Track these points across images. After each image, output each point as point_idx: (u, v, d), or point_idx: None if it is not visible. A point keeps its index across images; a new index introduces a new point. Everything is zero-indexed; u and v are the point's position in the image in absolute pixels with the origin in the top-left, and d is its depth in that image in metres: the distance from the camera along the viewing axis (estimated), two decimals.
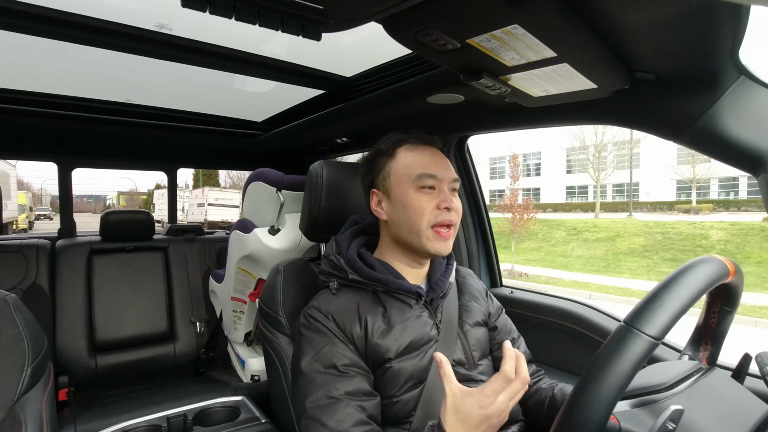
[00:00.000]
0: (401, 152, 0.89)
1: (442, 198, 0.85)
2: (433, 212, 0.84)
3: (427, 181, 0.85)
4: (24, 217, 18.79)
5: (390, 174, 0.88)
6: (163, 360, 2.01)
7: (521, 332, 1.05)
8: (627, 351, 0.49)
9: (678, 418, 0.50)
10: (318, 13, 0.61)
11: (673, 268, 0.58)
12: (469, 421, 0.62)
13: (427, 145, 0.90)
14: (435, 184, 0.85)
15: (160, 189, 25.46)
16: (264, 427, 1.18)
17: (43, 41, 1.01)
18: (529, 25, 0.59)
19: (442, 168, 0.87)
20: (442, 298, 0.91)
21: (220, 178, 31.28)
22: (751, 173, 0.75)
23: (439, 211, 0.84)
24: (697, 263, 0.57)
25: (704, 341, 0.72)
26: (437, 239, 0.84)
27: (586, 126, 13.75)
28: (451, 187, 0.87)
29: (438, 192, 0.85)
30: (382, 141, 0.93)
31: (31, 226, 19.74)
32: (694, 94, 0.75)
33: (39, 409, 0.75)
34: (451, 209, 0.85)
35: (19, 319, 0.77)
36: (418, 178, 0.85)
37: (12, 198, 17.21)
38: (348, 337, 0.81)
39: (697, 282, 0.55)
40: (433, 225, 0.84)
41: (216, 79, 1.34)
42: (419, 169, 0.85)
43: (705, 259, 0.58)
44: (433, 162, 0.87)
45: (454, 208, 0.85)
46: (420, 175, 0.85)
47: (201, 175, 28.40)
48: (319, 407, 0.74)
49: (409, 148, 0.89)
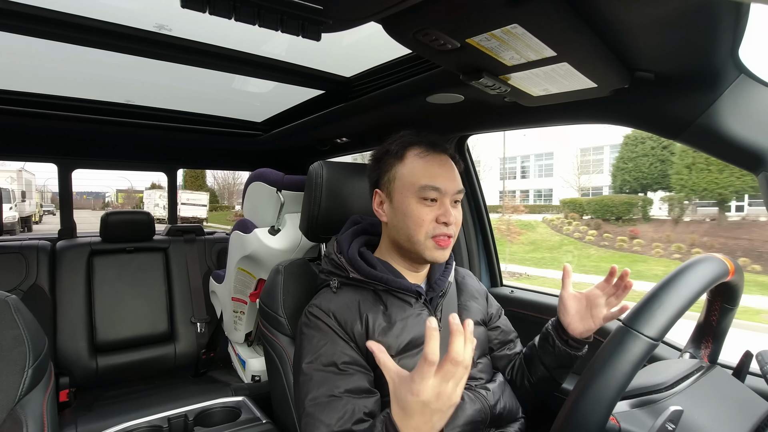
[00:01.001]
0: (410, 157, 0.87)
1: (442, 212, 0.83)
2: (432, 224, 0.83)
3: (430, 193, 0.83)
4: (37, 212, 24.90)
5: (395, 178, 0.87)
6: (163, 360, 2.01)
7: (520, 332, 1.06)
8: (626, 352, 0.50)
9: (677, 418, 0.50)
10: (318, 14, 0.61)
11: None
12: (409, 409, 0.57)
13: (438, 153, 0.87)
14: (437, 196, 0.84)
15: (150, 189, 29.47)
16: (265, 428, 1.18)
17: (43, 42, 1.01)
18: (528, 24, 0.59)
19: (447, 180, 0.85)
20: (441, 297, 0.92)
21: (208, 179, 32.65)
22: (751, 171, 0.75)
23: (438, 225, 0.83)
24: (696, 263, 0.57)
25: (705, 339, 0.72)
26: (436, 248, 0.84)
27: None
28: (453, 199, 0.86)
29: (439, 205, 0.84)
30: (392, 140, 0.90)
31: (41, 219, 25.57)
32: (694, 93, 0.75)
33: (40, 410, 0.75)
34: (450, 224, 0.83)
35: (20, 320, 0.77)
36: (421, 189, 0.83)
37: (33, 198, 22.52)
38: (349, 334, 0.81)
39: (696, 282, 0.55)
40: (432, 236, 0.83)
41: (216, 79, 1.33)
42: (424, 180, 0.83)
43: (704, 258, 0.58)
44: (439, 173, 0.84)
45: (452, 222, 0.84)
46: (423, 187, 0.83)
47: (186, 176, 30.78)
48: (319, 405, 0.74)
49: (418, 155, 0.86)
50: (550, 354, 0.90)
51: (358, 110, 1.37)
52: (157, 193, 25.33)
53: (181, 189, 24.82)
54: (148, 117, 1.78)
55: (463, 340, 0.55)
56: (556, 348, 0.89)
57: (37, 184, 28.40)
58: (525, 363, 0.96)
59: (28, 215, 18.33)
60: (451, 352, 0.54)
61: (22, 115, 1.57)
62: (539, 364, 0.92)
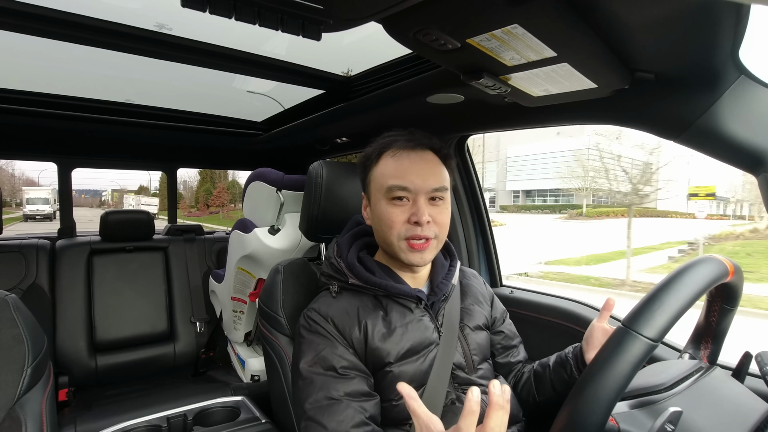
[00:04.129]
0: (383, 159, 0.85)
1: (413, 211, 0.79)
2: (404, 226, 0.80)
3: (398, 193, 0.80)
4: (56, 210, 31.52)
5: (371, 181, 0.86)
6: (163, 360, 2.00)
7: (521, 332, 1.05)
8: (625, 353, 0.49)
9: (676, 419, 0.50)
10: (318, 13, 0.61)
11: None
12: None
13: (413, 149, 0.83)
14: (407, 195, 0.80)
15: (134, 193, 40.45)
16: (264, 427, 1.18)
17: (44, 41, 1.01)
18: (529, 24, 0.59)
19: (419, 177, 0.80)
20: (443, 301, 0.90)
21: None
22: (751, 173, 0.75)
23: (410, 226, 0.80)
24: (695, 263, 0.57)
25: (705, 340, 0.72)
26: (410, 251, 0.81)
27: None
28: (432, 196, 0.81)
29: (411, 204, 0.80)
30: (372, 143, 0.89)
31: (55, 214, 32.27)
32: (694, 94, 0.75)
33: (39, 409, 0.75)
34: (421, 224, 0.79)
35: (19, 319, 0.77)
36: (388, 190, 0.81)
37: (55, 199, 28.87)
38: (348, 341, 0.81)
39: (695, 283, 0.54)
40: (405, 238, 0.80)
41: (216, 78, 1.34)
42: (391, 180, 0.81)
43: (704, 259, 0.58)
44: (410, 171, 0.80)
45: (426, 223, 0.79)
46: (390, 187, 0.80)
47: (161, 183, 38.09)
48: (319, 408, 0.74)
49: (391, 154, 0.84)
50: (564, 382, 0.87)
51: (358, 110, 1.36)
52: (134, 199, 34.89)
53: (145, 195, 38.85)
54: (149, 116, 1.78)
55: (503, 413, 0.48)
56: (572, 377, 0.86)
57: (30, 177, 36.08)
58: (534, 381, 0.92)
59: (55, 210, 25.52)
60: (488, 423, 0.48)
61: (23, 114, 1.57)
62: (550, 387, 0.89)
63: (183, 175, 40.66)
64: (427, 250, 0.82)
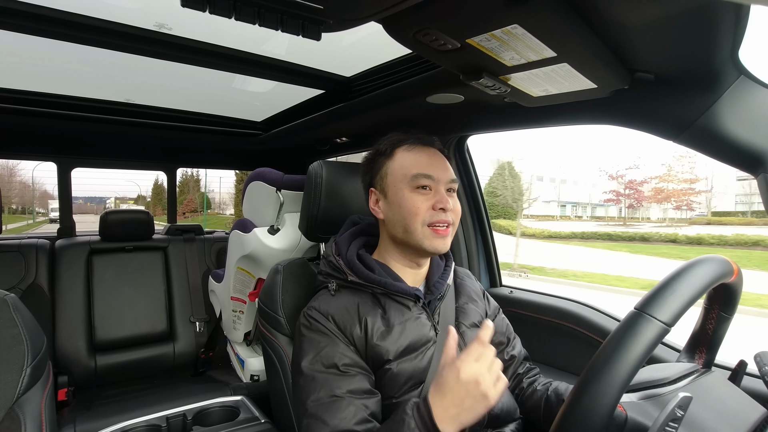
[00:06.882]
0: (399, 153, 0.89)
1: (437, 199, 0.84)
2: (428, 212, 0.84)
3: (423, 181, 0.85)
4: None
5: (387, 174, 0.89)
6: (162, 360, 2.00)
7: (520, 332, 1.05)
8: (639, 335, 0.50)
9: (686, 405, 0.51)
10: (318, 13, 0.61)
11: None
12: (446, 385, 0.64)
13: (425, 145, 0.90)
14: (430, 184, 0.85)
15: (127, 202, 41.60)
16: (263, 427, 1.18)
17: (44, 41, 1.01)
18: (528, 24, 0.59)
19: (439, 168, 0.86)
20: (439, 300, 0.91)
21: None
22: (751, 173, 0.75)
23: (435, 212, 0.84)
24: (705, 259, 0.59)
25: (700, 348, 0.73)
26: (434, 236, 0.84)
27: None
28: (447, 188, 0.87)
29: (434, 193, 0.85)
30: (381, 141, 0.93)
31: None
32: (694, 94, 0.75)
33: (38, 408, 0.75)
34: (447, 210, 0.84)
35: (19, 318, 0.77)
36: (413, 178, 0.85)
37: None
38: (348, 338, 0.81)
39: (705, 275, 0.56)
40: (429, 224, 0.84)
41: (216, 79, 1.33)
42: (415, 169, 0.85)
43: (712, 258, 0.60)
44: (429, 162, 0.87)
45: (450, 209, 0.85)
46: (415, 176, 0.85)
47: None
48: (322, 406, 0.74)
49: (407, 149, 0.89)
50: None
51: (358, 110, 1.36)
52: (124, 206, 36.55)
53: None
54: (148, 116, 1.77)
55: (489, 333, 0.68)
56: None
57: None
58: (543, 406, 0.89)
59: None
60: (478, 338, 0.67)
61: (22, 114, 1.57)
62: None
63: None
64: (447, 237, 0.86)
